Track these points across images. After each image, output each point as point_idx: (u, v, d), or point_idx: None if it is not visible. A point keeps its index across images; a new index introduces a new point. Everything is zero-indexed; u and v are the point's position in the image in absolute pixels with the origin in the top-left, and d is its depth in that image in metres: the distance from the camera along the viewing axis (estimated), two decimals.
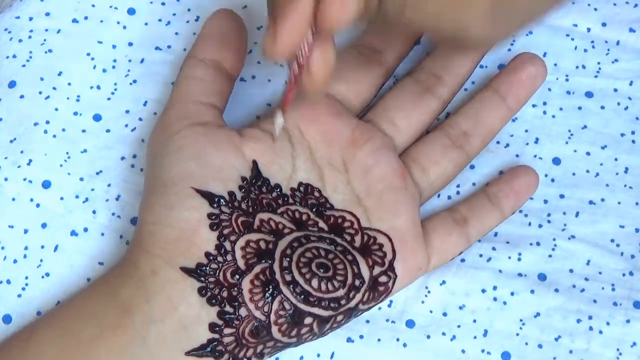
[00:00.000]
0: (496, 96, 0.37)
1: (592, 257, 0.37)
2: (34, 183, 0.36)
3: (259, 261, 0.31)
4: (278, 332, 0.31)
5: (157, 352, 0.30)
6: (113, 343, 0.29)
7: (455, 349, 0.35)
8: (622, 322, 0.35)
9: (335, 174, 0.35)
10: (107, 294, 0.31)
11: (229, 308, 0.30)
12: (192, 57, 0.35)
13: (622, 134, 0.39)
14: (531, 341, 0.35)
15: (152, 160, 0.33)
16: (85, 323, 0.30)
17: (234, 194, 0.32)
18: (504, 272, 0.36)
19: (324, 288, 0.31)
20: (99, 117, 0.37)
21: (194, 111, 0.34)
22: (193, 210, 0.31)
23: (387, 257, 0.33)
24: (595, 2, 0.40)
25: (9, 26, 0.38)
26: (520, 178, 0.37)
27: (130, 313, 0.30)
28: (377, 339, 0.35)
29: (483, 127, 0.37)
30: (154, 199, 0.32)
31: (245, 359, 0.31)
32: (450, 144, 0.36)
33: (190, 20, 0.39)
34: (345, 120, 0.35)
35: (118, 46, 0.38)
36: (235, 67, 0.35)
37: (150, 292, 0.30)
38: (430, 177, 0.36)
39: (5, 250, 0.35)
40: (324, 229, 0.33)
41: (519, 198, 0.36)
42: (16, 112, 0.37)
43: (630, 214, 0.37)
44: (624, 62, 0.40)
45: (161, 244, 0.31)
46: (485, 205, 0.36)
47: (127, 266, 0.31)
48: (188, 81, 0.34)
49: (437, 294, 0.36)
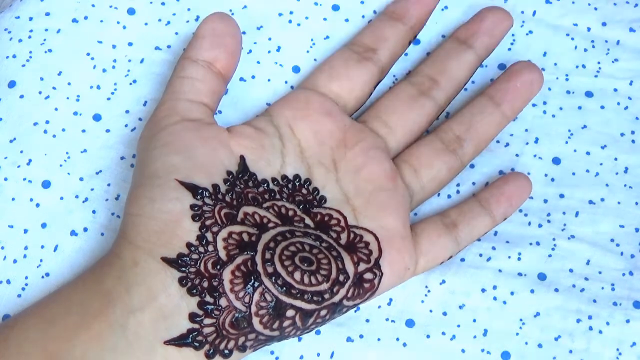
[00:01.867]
0: (490, 103, 0.37)
1: (591, 256, 0.37)
2: (33, 183, 0.36)
3: (240, 252, 0.31)
4: (259, 323, 0.31)
5: (136, 341, 0.30)
6: (94, 331, 0.30)
7: (455, 349, 0.35)
8: (622, 322, 0.35)
9: (325, 172, 0.35)
10: (92, 282, 0.31)
11: (209, 298, 0.30)
12: (186, 58, 0.35)
13: (622, 134, 0.39)
14: (531, 341, 0.35)
15: (141, 155, 0.34)
16: (70, 310, 0.30)
17: (218, 187, 0.32)
18: (504, 272, 0.36)
19: (307, 281, 0.31)
20: (98, 117, 0.37)
21: (184, 109, 0.34)
22: (176, 202, 0.31)
23: (372, 255, 0.33)
24: (596, 1, 0.40)
25: (8, 26, 0.38)
26: (513, 184, 0.36)
27: (112, 302, 0.30)
28: (377, 338, 0.35)
29: (476, 132, 0.37)
30: (139, 191, 0.32)
31: (227, 351, 0.31)
32: (443, 147, 0.36)
33: (190, 20, 0.39)
34: (338, 119, 0.36)
35: (118, 46, 0.38)
36: (228, 68, 0.35)
37: (131, 282, 0.30)
38: (422, 179, 0.36)
39: (5, 250, 0.35)
40: (310, 226, 0.33)
41: (511, 204, 0.36)
42: (16, 112, 0.37)
43: (630, 214, 0.37)
44: (624, 62, 0.40)
45: (144, 235, 0.31)
46: (476, 210, 0.36)
47: (112, 257, 0.31)
48: (180, 80, 0.35)
49: (437, 293, 0.36)
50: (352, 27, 0.40)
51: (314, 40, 0.39)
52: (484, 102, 0.37)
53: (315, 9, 0.40)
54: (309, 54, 0.39)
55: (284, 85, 0.39)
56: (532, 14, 0.40)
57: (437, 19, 0.40)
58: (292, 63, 0.39)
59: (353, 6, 0.40)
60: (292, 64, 0.39)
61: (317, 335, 0.35)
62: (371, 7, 0.40)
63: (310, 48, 0.39)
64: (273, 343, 0.32)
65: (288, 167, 0.34)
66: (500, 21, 0.38)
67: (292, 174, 0.34)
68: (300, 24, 0.39)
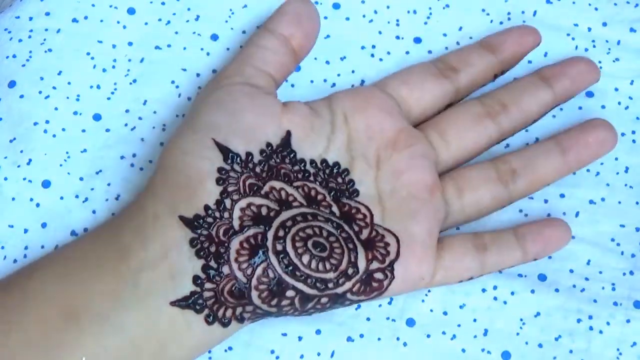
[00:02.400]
0: (557, 148, 0.36)
1: (592, 256, 0.37)
2: (33, 183, 0.36)
3: (254, 225, 0.31)
4: (258, 297, 0.31)
5: (146, 299, 0.30)
6: (109, 286, 0.30)
7: (455, 348, 0.35)
8: (622, 322, 0.35)
9: (366, 167, 0.35)
10: (111, 235, 0.32)
11: (214, 263, 0.31)
12: (264, 29, 0.36)
13: (622, 134, 0.39)
14: (531, 341, 0.35)
15: (192, 107, 0.34)
16: (87, 264, 0.31)
17: (251, 155, 0.32)
18: (504, 272, 0.36)
19: (314, 266, 0.31)
20: (98, 116, 0.37)
21: (249, 73, 0.34)
22: (206, 161, 0.32)
23: (389, 257, 0.33)
24: (596, 1, 0.40)
25: (8, 26, 0.38)
26: (554, 229, 0.35)
27: (127, 258, 0.30)
28: (377, 338, 0.35)
29: (533, 171, 0.35)
30: (176, 141, 0.33)
31: (225, 320, 0.31)
32: (496, 177, 0.35)
33: (190, 19, 0.39)
34: (395, 120, 0.35)
35: (118, 46, 0.38)
36: (303, 47, 0.36)
37: (149, 239, 0.31)
38: (463, 201, 0.35)
39: (5, 250, 0.35)
40: (336, 214, 0.33)
41: (545, 248, 0.35)
42: (16, 112, 0.37)
43: (630, 214, 0.37)
44: (625, 62, 0.39)
45: (169, 188, 0.31)
46: (511, 242, 0.35)
47: (134, 208, 0.32)
48: (253, 47, 0.35)
49: (437, 293, 0.36)
50: (352, 26, 0.39)
51: None
52: (550, 146, 0.36)
53: None
54: (309, 53, 0.39)
55: (284, 83, 0.39)
56: (532, 14, 0.40)
57: (438, 18, 0.40)
58: None
59: (353, 5, 0.40)
60: None
61: (317, 334, 0.35)
62: (372, 7, 0.40)
63: None
64: (272, 317, 0.32)
65: (331, 153, 0.34)
66: (588, 72, 0.37)
67: (333, 161, 0.34)
68: None
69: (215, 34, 0.39)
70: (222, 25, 0.39)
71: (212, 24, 0.39)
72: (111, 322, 0.30)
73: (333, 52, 0.39)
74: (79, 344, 0.30)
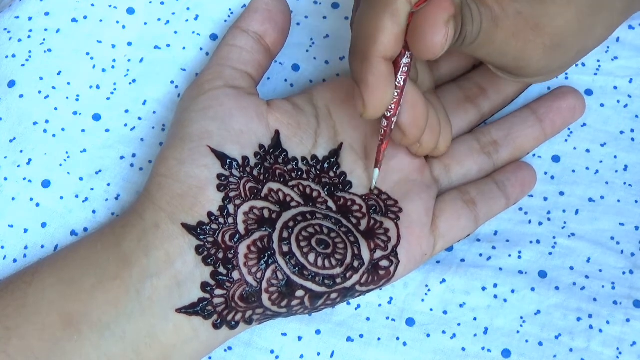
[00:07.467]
0: (533, 117, 0.37)
1: (592, 254, 0.37)
2: (33, 182, 0.36)
3: (259, 228, 0.31)
4: (268, 300, 0.31)
5: (150, 308, 0.30)
6: (110, 294, 0.30)
7: (455, 347, 0.35)
8: (622, 321, 0.35)
9: (355, 158, 0.35)
10: (111, 243, 0.31)
11: (223, 270, 0.31)
12: (236, 27, 0.35)
13: (621, 132, 0.39)
14: (531, 339, 0.35)
15: (178, 116, 0.34)
16: (87, 271, 0.31)
17: (247, 159, 0.33)
18: (504, 270, 0.36)
19: (320, 264, 0.31)
20: (98, 116, 0.37)
21: (229, 75, 0.34)
22: (204, 169, 0.32)
23: (390, 242, 0.33)
24: None
25: (8, 26, 0.38)
26: (525, 171, 0.37)
27: (130, 265, 0.30)
28: (377, 338, 0.35)
29: (514, 140, 0.37)
30: (170, 152, 0.32)
31: (234, 323, 0.31)
32: (479, 148, 0.37)
33: (189, 19, 0.39)
34: None
35: (117, 46, 0.38)
36: (276, 44, 0.36)
37: (151, 246, 0.31)
38: (451, 176, 0.36)
39: (5, 250, 0.35)
40: (332, 209, 0.33)
41: (523, 189, 0.37)
42: (16, 112, 0.37)
43: (629, 212, 0.37)
44: (624, 60, 0.39)
45: (167, 197, 0.31)
46: (494, 191, 0.36)
47: (134, 216, 0.32)
48: (228, 48, 0.35)
49: (437, 292, 0.36)
50: None
51: (314, 39, 0.39)
52: (527, 115, 0.37)
53: (315, 8, 0.40)
54: (309, 52, 0.39)
55: (284, 83, 0.39)
56: None
57: None
58: (291, 62, 0.39)
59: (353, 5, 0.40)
60: (292, 62, 0.39)
61: (317, 334, 0.35)
62: None
63: (309, 47, 0.39)
64: (281, 318, 0.33)
65: (319, 148, 0.35)
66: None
67: (323, 156, 0.34)
68: (300, 22, 0.39)
69: (215, 34, 0.39)
70: (222, 25, 0.39)
71: (211, 24, 0.39)
72: (112, 330, 0.30)
73: (333, 52, 0.39)
74: (79, 352, 0.30)
